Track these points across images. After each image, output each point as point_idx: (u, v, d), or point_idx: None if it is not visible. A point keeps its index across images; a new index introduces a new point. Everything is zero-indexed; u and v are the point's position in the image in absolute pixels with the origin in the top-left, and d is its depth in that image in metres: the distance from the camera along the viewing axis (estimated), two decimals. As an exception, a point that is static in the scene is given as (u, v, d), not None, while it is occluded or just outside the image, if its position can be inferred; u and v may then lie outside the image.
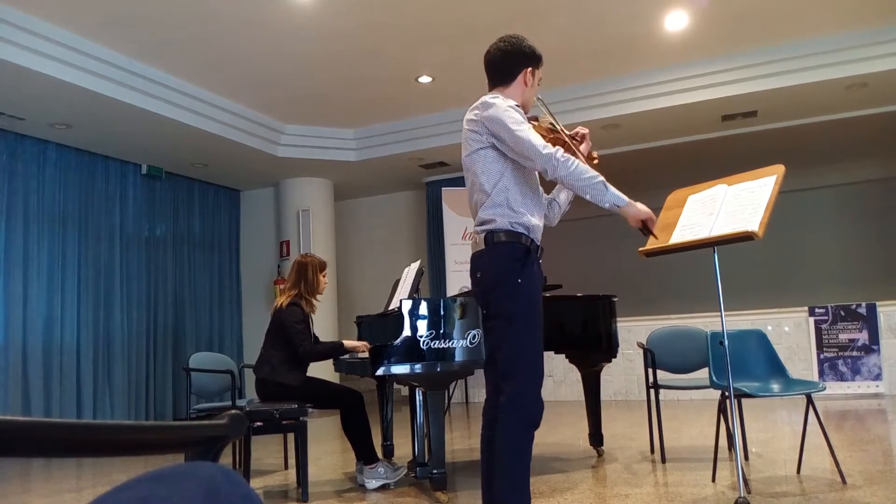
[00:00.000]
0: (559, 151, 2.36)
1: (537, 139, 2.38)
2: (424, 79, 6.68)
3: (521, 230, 2.42)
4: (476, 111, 2.49)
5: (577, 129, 2.75)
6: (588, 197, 2.37)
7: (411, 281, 3.99)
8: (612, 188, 2.36)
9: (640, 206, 2.41)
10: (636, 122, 7.20)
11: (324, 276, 4.13)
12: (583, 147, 2.73)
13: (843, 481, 3.26)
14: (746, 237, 2.73)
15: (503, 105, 2.43)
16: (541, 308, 2.46)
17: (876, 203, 8.93)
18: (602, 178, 2.35)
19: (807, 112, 7.13)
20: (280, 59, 6.11)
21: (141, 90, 6.09)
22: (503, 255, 2.41)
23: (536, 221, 2.49)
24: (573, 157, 2.38)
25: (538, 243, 2.49)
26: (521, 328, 2.37)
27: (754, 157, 4.63)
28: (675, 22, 5.78)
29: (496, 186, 2.44)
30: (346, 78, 6.60)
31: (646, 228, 2.43)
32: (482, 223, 2.46)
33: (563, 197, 2.77)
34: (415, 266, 4.13)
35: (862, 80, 6.32)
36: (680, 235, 3.05)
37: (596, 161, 2.84)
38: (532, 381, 2.37)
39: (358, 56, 6.13)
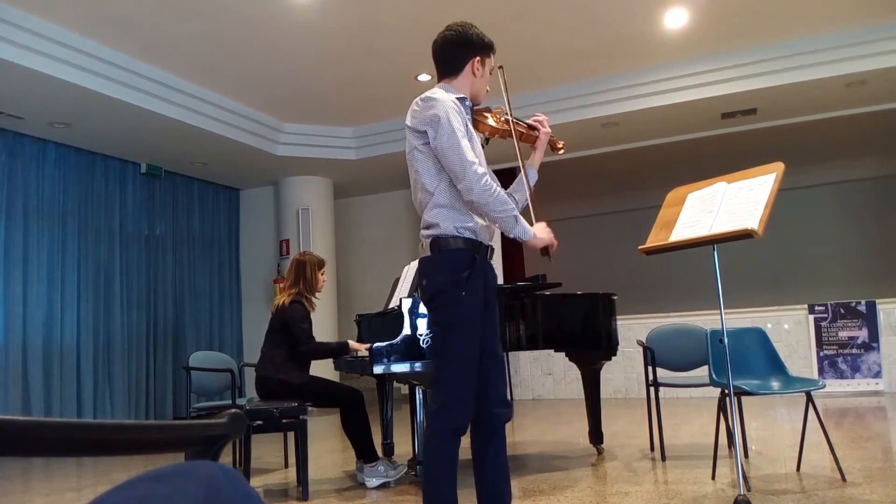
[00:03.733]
0: (485, 178, 2.27)
1: (469, 155, 2.27)
2: (423, 77, 6.67)
3: (467, 234, 2.35)
4: (416, 108, 2.37)
5: (534, 116, 2.70)
6: (496, 225, 2.42)
7: (411, 279, 3.99)
8: (521, 222, 2.37)
9: (542, 235, 2.42)
10: (636, 120, 7.20)
11: (322, 275, 4.14)
12: (542, 133, 2.66)
13: (843, 479, 3.27)
14: (746, 235, 2.73)
15: (444, 104, 2.31)
16: (489, 313, 2.42)
17: (875, 200, 8.94)
18: (515, 212, 2.36)
19: (806, 110, 7.13)
20: (279, 57, 6.11)
21: (140, 89, 6.08)
22: (448, 264, 2.35)
23: (483, 221, 2.41)
24: (495, 187, 2.30)
25: (487, 244, 2.44)
26: (458, 338, 2.35)
27: (754, 154, 4.63)
28: (675, 19, 5.78)
29: (439, 185, 2.35)
30: (345, 76, 6.60)
31: (545, 252, 2.45)
32: (427, 226, 2.39)
33: (519, 196, 2.66)
34: (414, 264, 4.12)
35: (861, 78, 6.32)
36: (679, 233, 3.04)
37: (561, 149, 2.80)
38: (461, 389, 2.34)
39: (357, 54, 6.13)
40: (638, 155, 8.17)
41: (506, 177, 3.17)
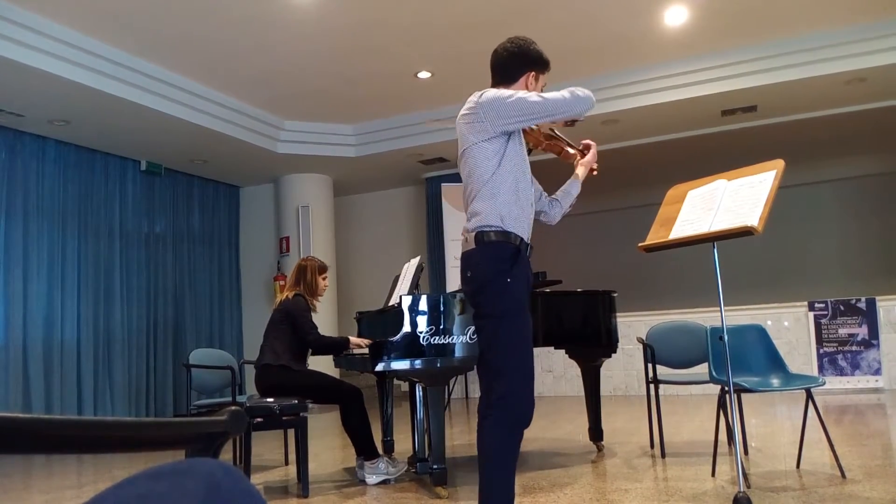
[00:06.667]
0: (558, 99, 2.41)
1: (533, 96, 2.42)
2: (423, 74, 6.67)
3: (510, 229, 2.42)
4: (470, 104, 2.49)
5: (584, 141, 2.76)
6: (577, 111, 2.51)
7: (411, 277, 3.99)
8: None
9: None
10: (636, 118, 7.20)
11: (323, 279, 4.18)
12: (586, 158, 2.76)
13: (843, 475, 3.27)
14: (746, 232, 2.73)
15: (494, 91, 2.47)
16: (528, 306, 2.46)
17: (875, 198, 8.93)
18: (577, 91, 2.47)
19: (806, 107, 7.12)
20: (279, 55, 6.10)
21: (140, 86, 6.07)
22: (492, 255, 2.40)
23: (526, 220, 2.49)
24: (565, 97, 2.41)
25: (528, 241, 2.49)
26: (511, 327, 2.37)
27: (754, 152, 4.62)
28: (675, 17, 5.78)
29: (487, 184, 2.43)
30: (345, 74, 6.59)
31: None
32: (472, 216, 2.47)
33: (565, 199, 2.80)
34: (414, 262, 4.13)
35: (861, 75, 6.31)
36: (679, 230, 3.05)
37: (595, 173, 2.87)
38: (522, 379, 2.36)
39: (357, 52, 6.12)
40: (638, 152, 8.17)
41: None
